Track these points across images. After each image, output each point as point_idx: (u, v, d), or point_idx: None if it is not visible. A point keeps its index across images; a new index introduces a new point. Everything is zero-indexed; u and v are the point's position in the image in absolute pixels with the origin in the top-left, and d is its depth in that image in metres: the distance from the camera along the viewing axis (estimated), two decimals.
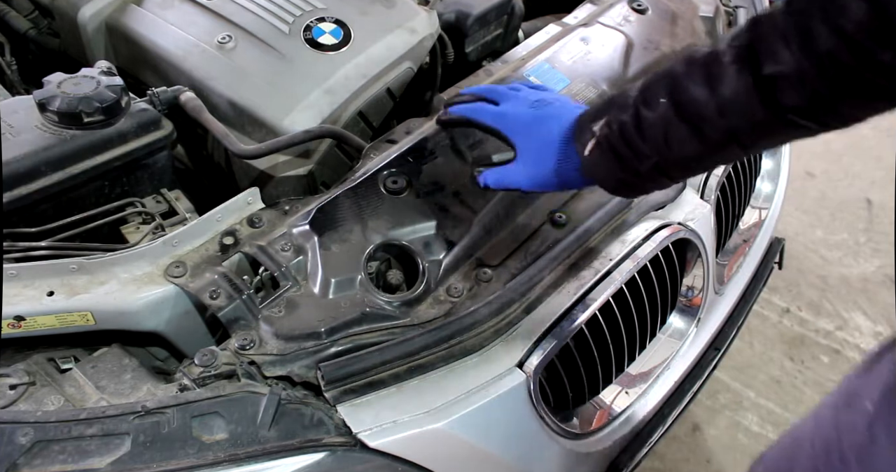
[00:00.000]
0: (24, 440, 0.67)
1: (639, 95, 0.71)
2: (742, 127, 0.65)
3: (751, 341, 2.05)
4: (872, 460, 0.66)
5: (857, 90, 0.58)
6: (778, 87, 0.60)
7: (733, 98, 0.63)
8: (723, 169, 1.16)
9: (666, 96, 0.68)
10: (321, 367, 0.77)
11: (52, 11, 1.24)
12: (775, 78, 0.60)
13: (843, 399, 0.74)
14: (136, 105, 0.99)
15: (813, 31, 0.57)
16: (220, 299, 0.81)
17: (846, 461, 0.70)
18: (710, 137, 0.67)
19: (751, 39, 0.62)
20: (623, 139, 0.71)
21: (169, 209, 0.97)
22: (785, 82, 0.60)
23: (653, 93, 0.69)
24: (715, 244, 1.18)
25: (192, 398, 0.73)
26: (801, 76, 0.59)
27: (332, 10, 1.18)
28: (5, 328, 0.78)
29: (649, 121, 0.69)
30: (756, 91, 0.62)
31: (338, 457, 0.74)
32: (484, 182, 0.84)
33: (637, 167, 0.72)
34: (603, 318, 0.95)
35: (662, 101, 0.68)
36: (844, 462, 0.70)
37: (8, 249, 0.85)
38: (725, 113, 0.64)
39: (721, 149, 0.68)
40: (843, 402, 0.74)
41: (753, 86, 0.62)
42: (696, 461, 1.75)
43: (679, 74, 0.67)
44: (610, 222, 1.00)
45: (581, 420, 1.01)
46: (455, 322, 0.84)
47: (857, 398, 0.71)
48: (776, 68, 0.60)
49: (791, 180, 1.51)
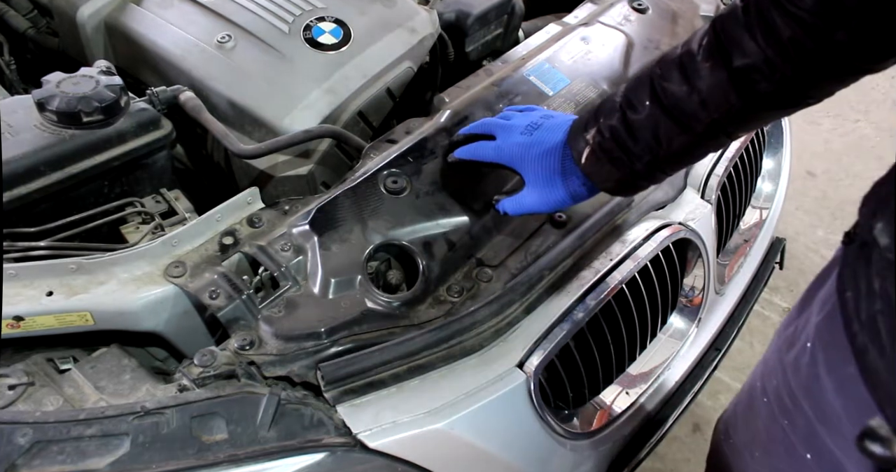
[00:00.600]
0: (23, 440, 0.67)
1: (623, 99, 0.75)
2: (724, 117, 0.70)
3: (751, 342, 2.05)
4: (820, 396, 0.68)
5: (822, 70, 0.64)
6: (751, 78, 0.66)
7: (712, 92, 0.68)
8: (724, 169, 1.16)
9: (649, 98, 0.73)
10: (321, 367, 0.76)
11: (51, 10, 1.23)
12: (747, 69, 0.66)
13: (785, 342, 0.77)
14: (136, 105, 0.99)
15: (773, 23, 0.63)
16: (220, 299, 0.81)
17: (796, 400, 0.73)
18: (696, 130, 0.71)
19: (717, 37, 0.68)
20: (616, 143, 0.75)
21: (168, 209, 0.97)
22: (756, 73, 0.65)
23: (637, 96, 0.74)
24: (716, 244, 1.17)
25: (191, 399, 0.73)
26: (769, 65, 0.64)
27: (332, 9, 1.18)
28: (4, 328, 0.78)
29: (638, 123, 0.74)
30: (731, 83, 0.67)
31: (338, 457, 0.74)
32: (503, 210, 0.88)
33: (633, 167, 0.76)
34: (603, 318, 0.95)
35: (647, 103, 0.73)
36: (795, 402, 0.73)
37: (7, 248, 0.85)
38: (707, 106, 0.69)
39: (708, 139, 0.73)
40: (784, 344, 0.77)
41: (728, 79, 0.67)
42: (696, 461, 1.74)
43: (658, 76, 0.72)
44: (610, 222, 1.00)
45: (581, 420, 1.01)
46: (455, 322, 0.84)
47: (796, 339, 0.74)
48: (745, 61, 0.65)
49: (792, 180, 1.50)
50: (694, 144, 0.73)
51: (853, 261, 0.65)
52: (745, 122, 0.72)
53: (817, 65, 0.63)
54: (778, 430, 0.77)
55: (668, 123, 0.72)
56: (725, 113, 0.69)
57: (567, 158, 0.81)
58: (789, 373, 0.74)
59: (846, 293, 0.65)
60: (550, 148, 0.82)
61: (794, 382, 0.73)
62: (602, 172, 0.78)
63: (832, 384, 0.66)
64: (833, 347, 0.66)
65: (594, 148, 0.77)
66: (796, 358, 0.73)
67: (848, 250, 0.67)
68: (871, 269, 0.61)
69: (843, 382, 0.64)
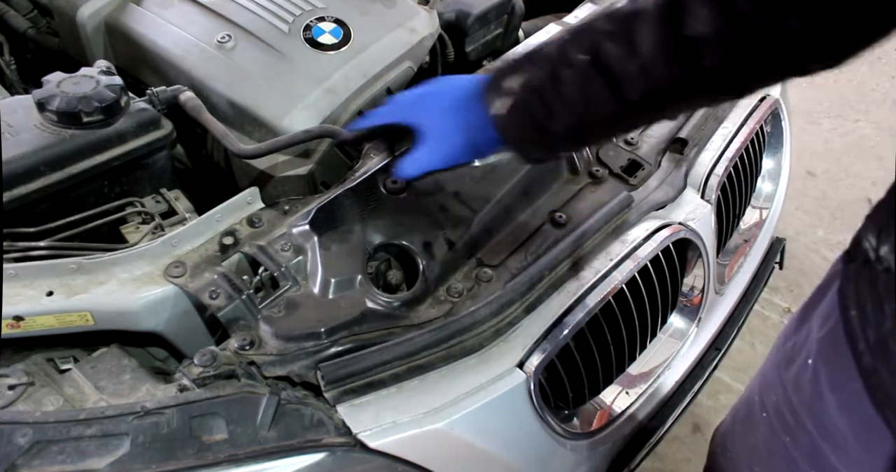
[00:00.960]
0: (22, 440, 0.67)
1: (557, 51, 0.67)
2: (662, 88, 0.63)
3: (752, 342, 2.05)
4: (823, 413, 0.67)
5: (770, 55, 0.59)
6: (698, 49, 0.60)
7: (654, 58, 0.62)
8: (724, 169, 1.16)
9: (586, 53, 0.65)
10: (321, 367, 0.76)
11: (51, 10, 1.23)
12: (695, 40, 0.60)
13: (784, 358, 0.74)
14: (136, 105, 0.99)
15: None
16: (220, 299, 0.81)
17: (798, 417, 0.71)
18: (629, 97, 0.65)
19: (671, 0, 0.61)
20: (540, 97, 0.68)
21: (168, 209, 0.97)
22: (705, 45, 0.60)
23: (573, 49, 0.66)
24: (716, 244, 1.17)
25: (191, 399, 0.73)
26: (720, 38, 0.59)
27: (332, 9, 1.18)
28: (4, 328, 0.78)
29: (567, 78, 0.66)
30: (676, 52, 0.61)
31: (338, 457, 0.74)
32: (402, 174, 0.81)
33: (551, 127, 0.69)
34: (603, 318, 0.95)
35: (581, 57, 0.65)
36: (797, 419, 0.71)
37: (7, 248, 0.85)
38: (647, 74, 0.63)
39: (639, 110, 0.67)
40: (783, 360, 0.74)
41: (674, 46, 0.61)
42: (697, 461, 1.74)
43: (600, 31, 0.65)
44: (610, 222, 1.00)
45: (581, 420, 1.01)
46: (455, 322, 0.83)
47: (796, 354, 0.71)
48: (697, 29, 0.59)
49: (792, 180, 1.50)
50: (624, 112, 0.67)
51: (855, 278, 0.63)
52: (682, 99, 0.66)
53: (767, 48, 0.59)
54: (779, 445, 0.75)
55: (601, 84, 0.64)
56: (665, 84, 0.63)
57: (475, 107, 0.73)
58: (790, 389, 0.72)
59: (850, 312, 0.63)
60: (455, 96, 0.74)
61: (796, 399, 0.71)
62: (516, 129, 0.71)
63: (836, 403, 0.65)
64: (836, 364, 0.65)
65: (514, 100, 0.69)
66: (797, 375, 0.71)
67: (849, 267, 0.65)
68: (877, 289, 0.60)
69: (848, 400, 0.63)
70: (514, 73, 0.70)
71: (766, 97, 1.32)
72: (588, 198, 1.01)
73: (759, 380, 0.83)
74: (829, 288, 0.68)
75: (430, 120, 0.77)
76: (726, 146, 1.19)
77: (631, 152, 1.09)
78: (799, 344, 0.71)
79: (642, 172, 1.07)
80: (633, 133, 1.14)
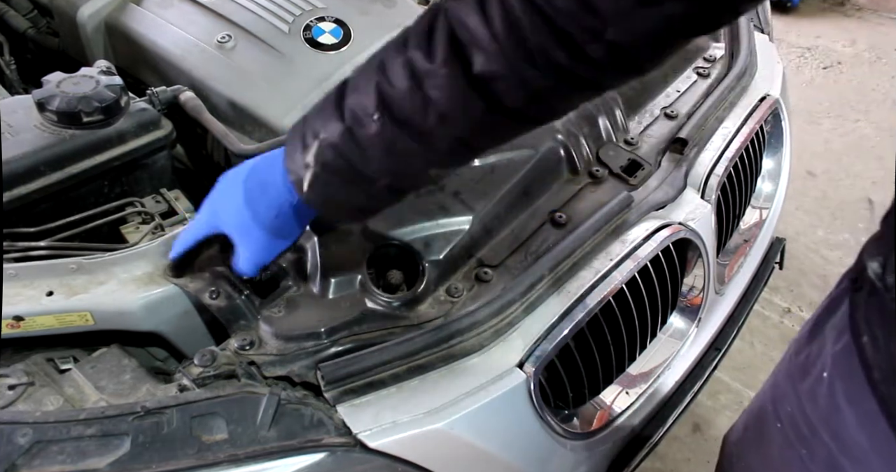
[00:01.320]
0: (23, 440, 0.67)
1: (348, 112, 0.62)
2: (468, 132, 0.60)
3: (752, 342, 2.05)
4: (840, 427, 0.66)
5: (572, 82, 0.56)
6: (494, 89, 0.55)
7: (452, 104, 0.57)
8: (724, 169, 1.16)
9: (378, 111, 0.59)
10: (321, 367, 0.76)
11: (51, 10, 1.24)
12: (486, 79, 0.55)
13: (798, 369, 0.73)
14: (136, 105, 0.99)
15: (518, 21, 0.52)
16: (220, 299, 0.81)
17: (815, 430, 0.70)
18: (438, 147, 0.61)
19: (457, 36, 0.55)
20: (347, 164, 0.63)
21: (168, 209, 0.97)
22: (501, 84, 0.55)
23: (362, 109, 0.61)
24: (715, 244, 1.17)
25: (191, 399, 0.73)
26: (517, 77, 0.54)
27: (332, 9, 1.18)
28: (4, 328, 0.78)
29: (367, 140, 0.61)
30: (474, 94, 0.56)
31: (338, 457, 0.74)
32: (241, 274, 0.79)
33: (370, 191, 0.65)
34: (603, 318, 0.95)
35: (376, 117, 0.60)
36: (813, 432, 0.70)
37: (7, 248, 0.85)
38: (447, 121, 0.58)
39: (452, 155, 0.63)
40: (797, 371, 0.73)
41: (469, 87, 0.56)
42: (696, 461, 1.74)
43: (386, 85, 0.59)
44: (610, 222, 1.00)
45: (581, 420, 1.01)
46: (455, 322, 0.83)
47: (811, 366, 0.70)
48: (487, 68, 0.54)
49: (792, 180, 1.50)
50: (436, 161, 0.63)
51: (865, 306, 0.62)
52: (490, 135, 0.62)
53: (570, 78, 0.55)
54: (794, 457, 0.74)
55: (406, 140, 0.59)
56: (468, 127, 0.58)
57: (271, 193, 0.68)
58: (804, 401, 0.71)
59: (862, 338, 0.62)
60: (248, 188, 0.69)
61: (812, 411, 0.70)
62: (334, 201, 0.66)
63: (854, 418, 0.64)
64: (852, 378, 0.64)
65: (316, 171, 0.63)
66: (812, 387, 0.70)
67: (857, 295, 0.64)
68: (886, 318, 0.59)
69: (867, 415, 0.62)
70: (309, 143, 0.64)
71: (766, 97, 1.32)
72: (588, 198, 1.01)
73: (770, 389, 0.82)
74: (841, 301, 0.67)
75: (229, 222, 0.73)
76: (726, 146, 1.19)
77: (631, 152, 1.09)
78: (813, 356, 0.70)
79: (642, 172, 1.07)
80: (634, 133, 1.14)
